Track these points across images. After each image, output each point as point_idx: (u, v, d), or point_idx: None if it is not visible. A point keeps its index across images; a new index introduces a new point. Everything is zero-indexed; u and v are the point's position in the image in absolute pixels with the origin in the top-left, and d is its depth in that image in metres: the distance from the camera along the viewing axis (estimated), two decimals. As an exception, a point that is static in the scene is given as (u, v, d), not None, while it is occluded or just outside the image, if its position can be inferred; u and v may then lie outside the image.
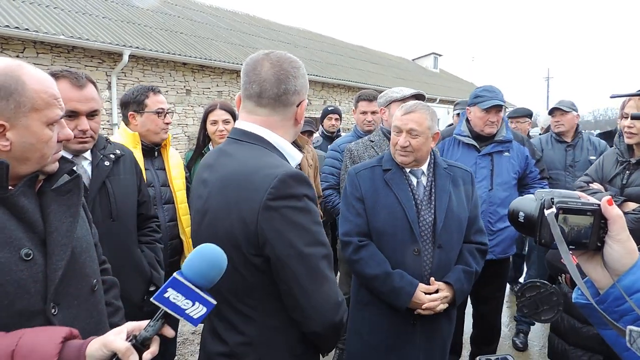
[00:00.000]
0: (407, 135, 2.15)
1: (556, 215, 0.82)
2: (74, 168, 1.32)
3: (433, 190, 2.19)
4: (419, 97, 2.88)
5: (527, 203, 0.89)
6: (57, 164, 1.23)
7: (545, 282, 1.85)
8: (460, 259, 2.20)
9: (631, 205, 2.34)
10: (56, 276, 1.13)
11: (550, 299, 1.86)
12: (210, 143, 3.08)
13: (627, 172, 2.48)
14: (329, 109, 5.18)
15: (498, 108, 2.97)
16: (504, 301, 3.75)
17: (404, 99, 2.80)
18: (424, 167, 2.24)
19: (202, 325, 1.39)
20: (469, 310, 3.31)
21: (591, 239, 0.83)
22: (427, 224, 2.13)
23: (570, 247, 0.83)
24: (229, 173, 1.31)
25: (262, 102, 1.37)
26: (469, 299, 3.20)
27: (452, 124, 5.01)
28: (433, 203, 2.17)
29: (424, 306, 2.06)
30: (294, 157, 1.44)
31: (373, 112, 3.54)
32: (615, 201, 2.36)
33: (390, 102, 2.89)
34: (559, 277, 2.41)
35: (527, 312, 2.06)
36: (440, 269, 2.13)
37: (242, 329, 1.31)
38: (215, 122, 2.99)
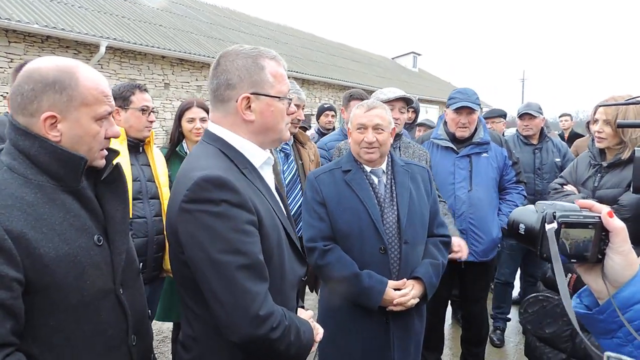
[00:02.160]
0: (373, 131, 2.18)
1: (558, 230, 0.82)
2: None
3: (394, 187, 2.22)
4: (408, 100, 2.92)
5: (527, 215, 0.88)
6: (104, 160, 1.32)
7: (548, 294, 1.83)
8: (426, 252, 2.23)
9: None
10: (121, 259, 1.29)
11: (555, 311, 1.84)
12: (184, 141, 3.03)
13: (599, 174, 2.54)
14: (325, 106, 5.23)
15: (468, 110, 2.98)
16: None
17: (388, 101, 2.82)
18: (383, 166, 2.26)
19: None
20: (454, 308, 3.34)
21: (592, 251, 0.83)
22: (391, 221, 2.14)
23: (571, 260, 0.84)
24: (179, 172, 1.35)
25: (210, 99, 1.41)
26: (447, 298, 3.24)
27: None
28: (395, 200, 2.19)
29: (395, 302, 2.06)
30: (255, 155, 1.39)
31: None
32: None
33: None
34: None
35: (530, 328, 2.07)
36: (407, 264, 2.14)
37: (190, 323, 1.35)
38: (192, 120, 2.96)
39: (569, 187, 2.69)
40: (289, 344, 1.27)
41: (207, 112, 3.00)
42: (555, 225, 0.82)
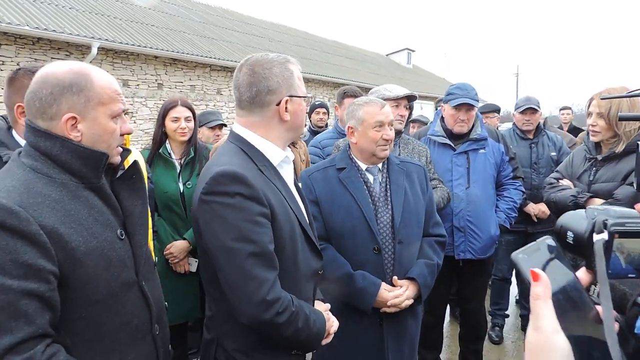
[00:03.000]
0: (389, 127, 2.18)
1: (609, 242, 0.67)
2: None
3: (388, 186, 2.19)
4: (411, 98, 2.90)
5: (577, 221, 0.75)
6: (119, 157, 1.39)
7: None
8: (421, 252, 2.21)
9: (597, 202, 2.39)
10: (142, 252, 1.37)
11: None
12: (168, 141, 2.96)
13: (594, 168, 2.53)
14: (317, 103, 5.16)
15: (468, 107, 2.96)
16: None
17: (396, 99, 2.80)
18: (379, 164, 2.23)
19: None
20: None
21: None
22: (385, 220, 2.12)
23: (629, 275, 0.69)
24: (203, 169, 1.52)
25: (241, 106, 1.49)
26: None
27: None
28: (389, 199, 2.16)
29: (388, 303, 2.04)
30: (273, 155, 1.51)
31: None
32: (581, 197, 2.42)
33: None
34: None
35: None
36: (402, 264, 2.12)
37: (210, 305, 1.51)
38: (177, 120, 2.89)
39: (565, 182, 2.67)
40: (296, 330, 1.38)
41: (192, 111, 2.96)
42: (605, 235, 0.67)
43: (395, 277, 2.10)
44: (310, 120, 5.11)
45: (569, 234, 0.75)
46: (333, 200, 2.11)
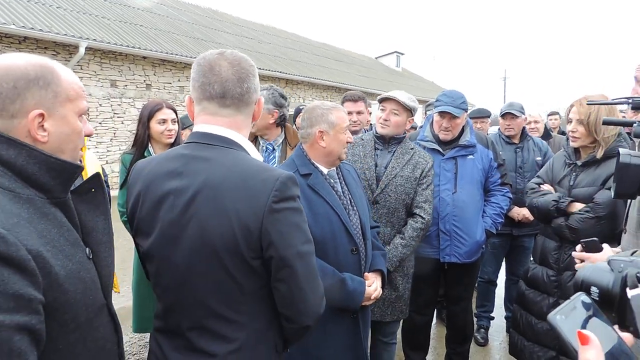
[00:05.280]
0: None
1: None
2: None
3: (347, 188, 2.28)
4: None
5: (601, 275, 0.70)
6: (80, 161, 1.24)
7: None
8: (373, 245, 2.36)
9: (578, 206, 2.45)
10: (108, 272, 1.25)
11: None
12: (151, 144, 2.94)
13: (574, 173, 2.58)
14: (301, 107, 5.16)
15: (451, 115, 2.95)
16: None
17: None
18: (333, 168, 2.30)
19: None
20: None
21: None
22: (355, 222, 2.20)
23: None
24: (218, 179, 1.26)
25: (225, 103, 1.35)
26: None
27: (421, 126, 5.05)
28: (353, 201, 2.26)
29: (372, 297, 2.19)
30: (257, 157, 1.43)
31: (358, 112, 3.54)
32: (562, 202, 2.48)
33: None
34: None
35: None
36: (368, 260, 2.27)
37: (231, 336, 1.30)
38: (164, 122, 2.89)
39: (546, 187, 2.72)
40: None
41: (176, 113, 3.00)
42: None
43: (366, 273, 2.23)
44: (295, 124, 5.10)
45: (593, 289, 0.69)
46: (310, 209, 2.07)
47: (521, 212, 3.76)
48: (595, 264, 0.72)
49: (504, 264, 4.29)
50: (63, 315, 1.05)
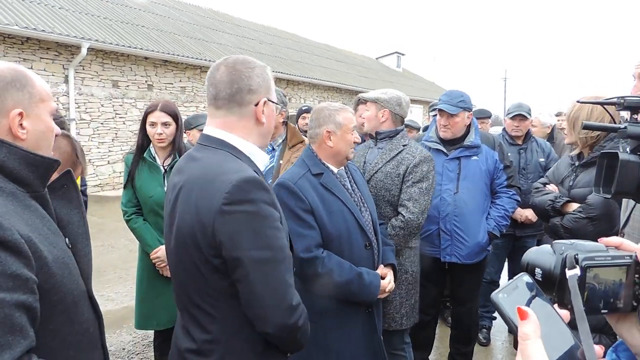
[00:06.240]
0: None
1: (583, 277, 0.67)
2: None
3: (356, 186, 2.34)
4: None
5: (544, 257, 0.74)
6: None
7: None
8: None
9: (574, 206, 2.45)
10: (86, 261, 1.34)
11: None
12: (152, 145, 2.90)
13: (574, 174, 2.60)
14: (304, 108, 5.16)
15: (448, 113, 3.01)
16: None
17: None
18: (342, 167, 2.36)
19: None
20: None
21: (625, 298, 0.69)
22: (367, 218, 2.27)
23: (602, 310, 0.69)
24: (194, 177, 1.37)
25: (218, 104, 1.42)
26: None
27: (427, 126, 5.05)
28: (363, 198, 2.33)
29: (387, 289, 2.27)
30: (259, 159, 1.48)
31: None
32: (558, 202, 2.49)
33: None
34: None
35: None
36: (380, 254, 2.34)
37: (207, 327, 1.37)
38: (153, 124, 2.78)
39: (550, 187, 2.74)
40: (306, 334, 1.43)
41: (172, 116, 2.83)
42: (578, 271, 0.67)
43: (381, 266, 2.31)
44: (297, 126, 5.11)
45: (537, 270, 0.73)
46: (324, 207, 2.14)
47: (524, 213, 3.77)
48: (540, 247, 0.77)
49: (506, 264, 4.31)
50: (53, 297, 1.13)
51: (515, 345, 0.62)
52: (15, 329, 0.98)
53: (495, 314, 4.23)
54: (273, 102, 1.50)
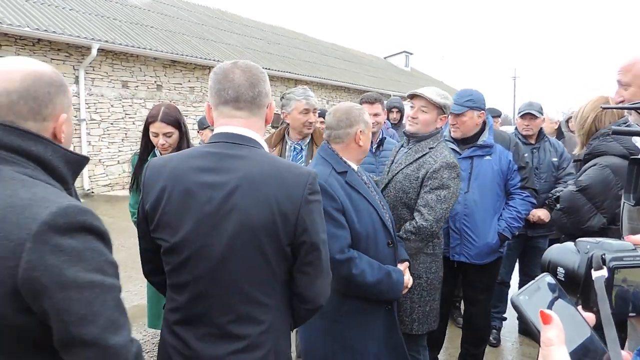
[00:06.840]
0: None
1: (611, 279, 0.62)
2: None
3: (372, 185, 2.37)
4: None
5: (567, 256, 0.69)
6: None
7: None
8: None
9: None
10: None
11: None
12: (156, 149, 2.90)
13: (580, 168, 2.67)
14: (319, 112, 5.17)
15: (455, 113, 2.97)
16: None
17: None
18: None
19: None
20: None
21: None
22: (388, 216, 2.29)
23: (630, 314, 0.64)
24: (256, 173, 1.40)
25: (239, 106, 1.48)
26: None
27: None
28: (379, 195, 2.37)
29: (409, 286, 2.32)
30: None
31: (375, 115, 3.53)
32: (556, 194, 2.52)
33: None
34: None
35: None
36: (398, 251, 2.36)
37: (259, 318, 1.42)
38: (156, 135, 2.80)
39: None
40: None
41: (174, 125, 2.80)
42: (605, 272, 0.62)
43: (399, 264, 2.33)
44: None
45: (560, 270, 0.69)
46: (353, 206, 2.12)
47: (536, 214, 3.69)
48: (563, 244, 0.72)
49: (517, 265, 4.28)
50: None
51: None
52: (122, 310, 1.10)
53: (506, 315, 4.21)
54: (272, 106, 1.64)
